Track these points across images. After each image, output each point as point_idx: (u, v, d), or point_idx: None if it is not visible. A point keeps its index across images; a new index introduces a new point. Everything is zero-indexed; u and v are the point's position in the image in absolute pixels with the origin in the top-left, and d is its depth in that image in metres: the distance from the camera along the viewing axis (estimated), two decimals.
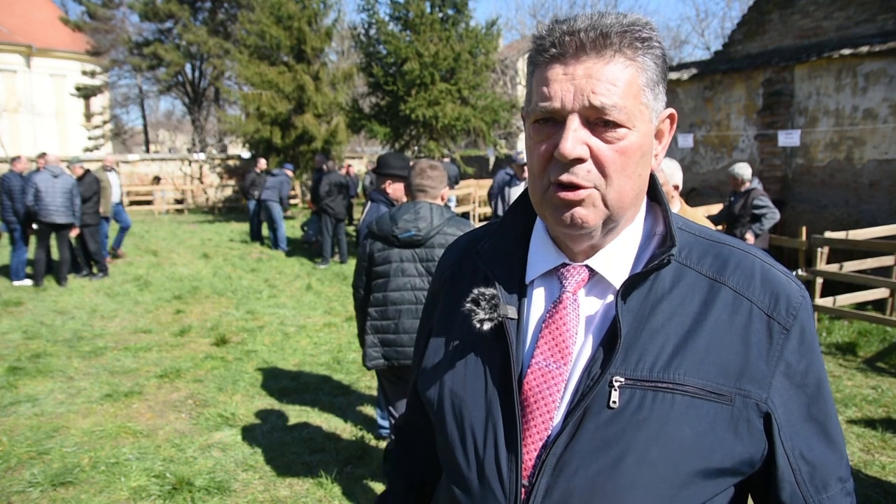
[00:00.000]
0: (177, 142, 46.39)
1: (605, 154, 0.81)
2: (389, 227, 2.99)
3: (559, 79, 0.80)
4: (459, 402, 0.92)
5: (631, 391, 0.81)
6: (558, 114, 0.81)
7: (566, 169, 0.81)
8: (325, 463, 3.93)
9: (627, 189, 0.83)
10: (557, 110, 0.81)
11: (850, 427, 4.37)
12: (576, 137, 0.79)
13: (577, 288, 0.89)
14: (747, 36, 10.26)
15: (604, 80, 0.79)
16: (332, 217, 10.95)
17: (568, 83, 0.80)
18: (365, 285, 3.14)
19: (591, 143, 0.81)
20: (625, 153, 0.81)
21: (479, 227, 1.10)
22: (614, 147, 0.81)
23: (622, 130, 0.81)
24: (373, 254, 3.05)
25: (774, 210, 6.55)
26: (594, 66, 0.79)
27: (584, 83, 0.79)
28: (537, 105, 0.83)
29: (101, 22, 25.75)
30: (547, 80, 0.81)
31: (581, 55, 0.80)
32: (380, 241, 3.03)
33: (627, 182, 0.83)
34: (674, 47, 30.23)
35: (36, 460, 3.94)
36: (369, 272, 3.09)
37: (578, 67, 0.80)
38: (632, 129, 0.81)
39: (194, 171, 22.22)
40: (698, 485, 0.80)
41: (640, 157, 0.83)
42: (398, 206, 3.08)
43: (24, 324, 7.13)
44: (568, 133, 0.79)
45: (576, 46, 0.80)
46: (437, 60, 13.90)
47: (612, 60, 0.80)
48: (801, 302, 0.86)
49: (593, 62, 0.79)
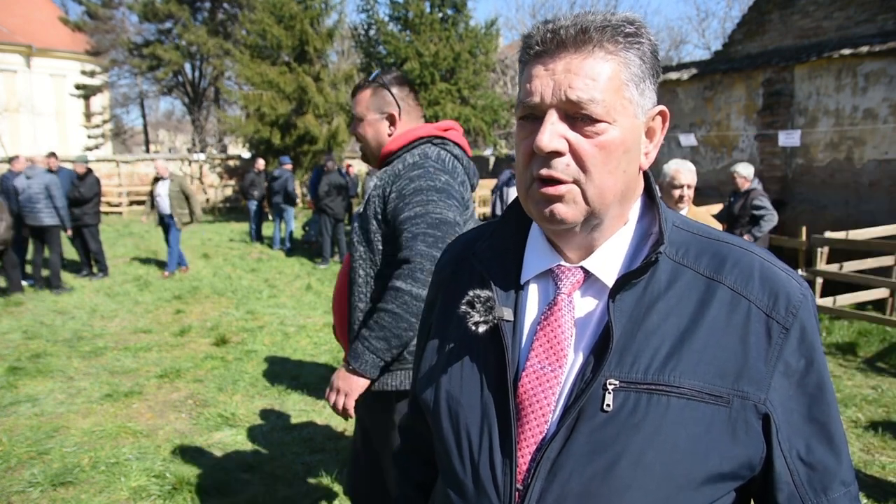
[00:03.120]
0: (177, 142, 46.40)
1: (584, 148, 0.81)
2: None
3: (540, 75, 0.82)
4: (455, 404, 0.92)
5: (625, 394, 0.81)
6: (538, 109, 0.82)
7: (545, 163, 0.81)
8: (325, 463, 3.93)
9: (609, 184, 0.83)
10: (537, 105, 0.82)
11: (850, 427, 4.36)
12: (553, 131, 0.80)
13: (571, 289, 0.89)
14: (747, 36, 10.26)
15: (582, 74, 0.79)
16: (332, 217, 10.94)
17: (548, 79, 0.81)
18: None
19: (570, 137, 0.81)
20: (605, 147, 0.81)
21: (475, 228, 1.10)
22: (593, 141, 0.81)
23: (602, 125, 0.81)
24: None
25: (773, 212, 6.55)
26: (573, 62, 0.80)
27: (563, 78, 0.80)
28: (521, 101, 0.84)
29: (100, 22, 25.76)
30: (530, 76, 0.83)
31: (561, 51, 0.81)
32: None
33: (609, 177, 0.82)
34: (674, 47, 30.23)
35: (36, 460, 3.94)
36: None
37: (558, 63, 0.81)
38: (612, 123, 0.81)
39: (194, 171, 22.22)
40: (696, 488, 0.79)
41: (622, 153, 0.83)
42: None
43: (24, 324, 7.14)
44: (545, 126, 0.80)
45: (557, 43, 0.81)
46: (436, 60, 13.93)
47: (591, 55, 0.80)
48: (802, 300, 0.84)
49: (572, 57, 0.80)
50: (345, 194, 11.25)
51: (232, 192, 22.07)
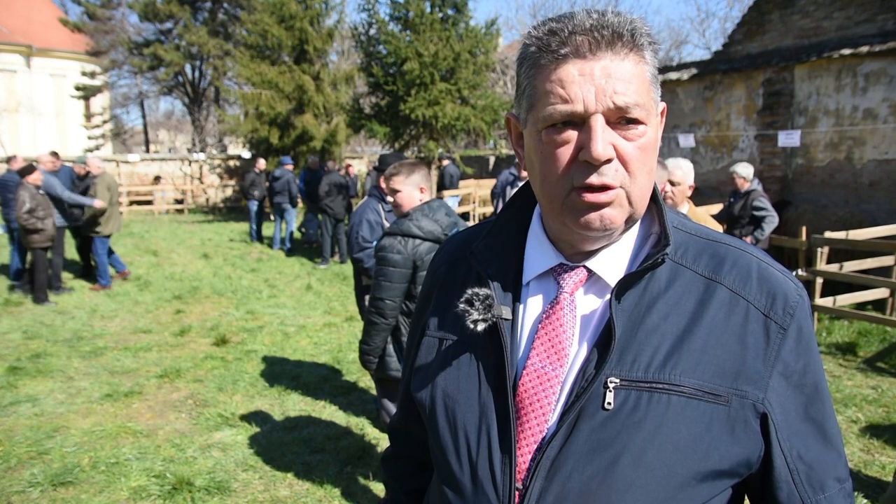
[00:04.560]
0: (177, 142, 46.39)
1: (629, 152, 0.80)
2: (437, 228, 2.97)
3: (576, 80, 0.78)
4: (452, 403, 0.91)
5: (626, 392, 0.81)
6: (579, 116, 0.78)
7: (594, 171, 0.79)
8: (325, 463, 3.93)
9: (647, 185, 0.84)
10: (580, 113, 0.78)
11: (850, 427, 4.36)
12: (605, 139, 0.78)
13: (574, 288, 0.89)
14: (747, 36, 10.26)
15: (622, 78, 0.78)
16: (332, 217, 10.94)
17: (587, 84, 0.77)
18: (406, 292, 3.02)
19: (616, 142, 0.80)
20: (645, 149, 0.81)
21: (472, 226, 1.10)
22: (636, 144, 0.80)
23: (642, 128, 0.80)
24: (422, 258, 2.98)
25: (774, 213, 6.55)
26: (610, 65, 0.78)
27: (605, 83, 0.77)
28: (554, 109, 0.79)
29: (100, 22, 25.76)
30: (561, 81, 0.79)
31: (597, 53, 0.78)
32: (427, 244, 2.98)
33: (647, 178, 0.83)
34: (674, 47, 30.23)
35: (36, 460, 3.94)
36: (414, 278, 3.01)
37: (595, 66, 0.78)
38: (648, 124, 0.81)
39: (194, 171, 22.22)
40: (695, 487, 0.80)
41: (654, 153, 0.84)
42: (426, 206, 3.04)
43: (24, 324, 7.14)
44: (597, 135, 0.77)
45: (589, 45, 0.78)
46: (436, 60, 13.90)
47: (627, 58, 0.79)
48: (799, 301, 0.85)
49: (609, 60, 0.78)
50: (345, 194, 11.25)
51: (232, 192, 22.09)
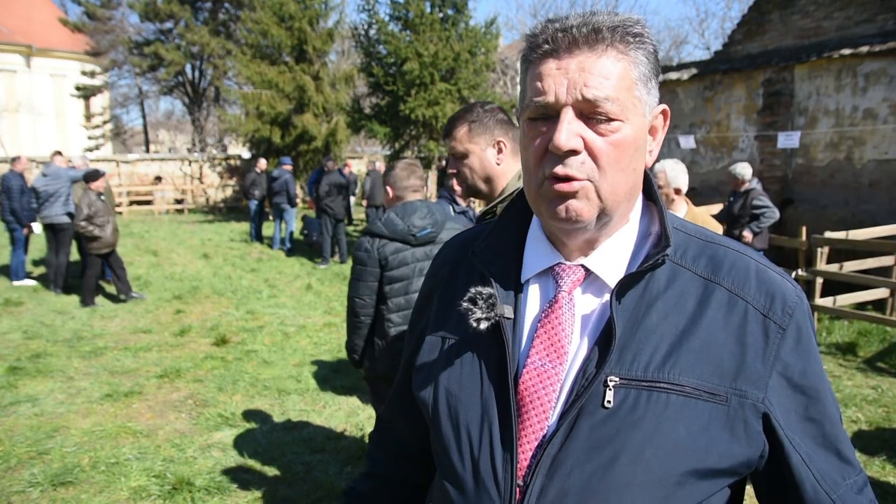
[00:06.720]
0: (177, 142, 46.36)
1: (599, 146, 0.81)
2: (405, 228, 2.94)
3: (552, 73, 0.81)
4: (455, 401, 0.92)
5: (626, 391, 0.82)
6: (552, 108, 0.82)
7: (560, 161, 0.81)
8: (325, 463, 3.93)
9: (621, 182, 0.84)
10: (551, 104, 0.81)
11: (850, 427, 4.37)
12: (570, 129, 0.80)
13: (572, 287, 0.89)
14: (747, 36, 10.26)
15: (596, 73, 0.80)
16: (332, 217, 10.94)
17: (561, 77, 0.81)
18: (377, 292, 3.01)
19: (586, 135, 0.81)
20: (618, 146, 0.82)
21: (472, 227, 1.11)
22: (608, 139, 0.82)
23: (616, 123, 0.81)
24: (386, 257, 2.96)
25: (774, 209, 6.57)
26: (587, 60, 0.80)
27: (578, 76, 0.80)
28: (531, 100, 0.83)
29: (100, 22, 25.75)
30: (540, 75, 0.82)
31: (574, 50, 0.81)
32: (393, 244, 2.95)
33: (621, 175, 0.83)
34: (674, 47, 30.22)
35: (36, 460, 3.94)
36: (381, 278, 3.00)
37: (571, 62, 0.81)
38: (625, 121, 0.82)
39: (194, 171, 22.23)
40: (693, 485, 0.80)
41: (633, 151, 0.84)
42: (401, 206, 3.02)
43: (24, 324, 7.14)
44: (562, 125, 0.80)
45: (568, 42, 0.81)
46: (436, 60, 13.89)
47: (605, 54, 0.81)
48: (797, 302, 0.86)
49: (586, 56, 0.81)
50: (345, 194, 11.26)
51: (232, 192, 22.09)
